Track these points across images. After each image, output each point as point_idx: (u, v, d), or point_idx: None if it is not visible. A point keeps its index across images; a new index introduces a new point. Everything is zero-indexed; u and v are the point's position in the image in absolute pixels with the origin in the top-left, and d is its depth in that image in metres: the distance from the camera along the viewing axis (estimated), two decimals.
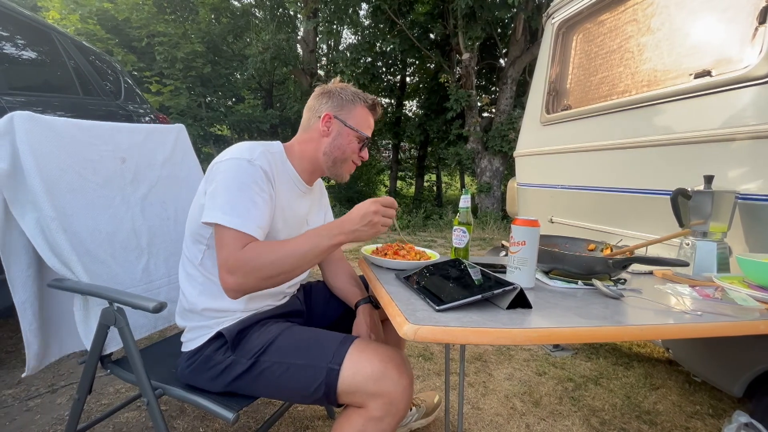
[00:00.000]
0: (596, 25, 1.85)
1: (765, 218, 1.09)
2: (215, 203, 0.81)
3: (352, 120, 0.98)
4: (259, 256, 0.78)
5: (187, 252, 0.96)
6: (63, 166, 1.00)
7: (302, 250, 0.81)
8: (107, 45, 7.08)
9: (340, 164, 1.00)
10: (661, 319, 0.75)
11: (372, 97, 1.02)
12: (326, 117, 0.97)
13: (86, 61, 2.52)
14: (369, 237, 0.84)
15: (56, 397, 1.51)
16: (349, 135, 0.98)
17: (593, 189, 1.74)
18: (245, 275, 0.78)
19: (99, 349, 0.96)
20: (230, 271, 0.77)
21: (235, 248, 0.78)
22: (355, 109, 0.99)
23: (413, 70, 10.80)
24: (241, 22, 8.93)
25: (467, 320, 0.69)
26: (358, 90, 1.02)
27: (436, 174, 12.97)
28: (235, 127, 9.08)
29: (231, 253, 0.78)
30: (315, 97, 1.02)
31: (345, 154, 0.99)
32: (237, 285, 0.78)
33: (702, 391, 1.72)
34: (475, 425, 1.44)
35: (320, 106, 0.99)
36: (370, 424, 0.77)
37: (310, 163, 1.01)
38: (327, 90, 1.00)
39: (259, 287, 0.81)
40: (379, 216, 0.82)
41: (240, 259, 0.77)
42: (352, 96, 0.99)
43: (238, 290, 0.79)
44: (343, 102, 0.98)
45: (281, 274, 0.80)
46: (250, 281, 0.78)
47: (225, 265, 0.78)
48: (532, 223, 0.90)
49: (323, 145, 0.99)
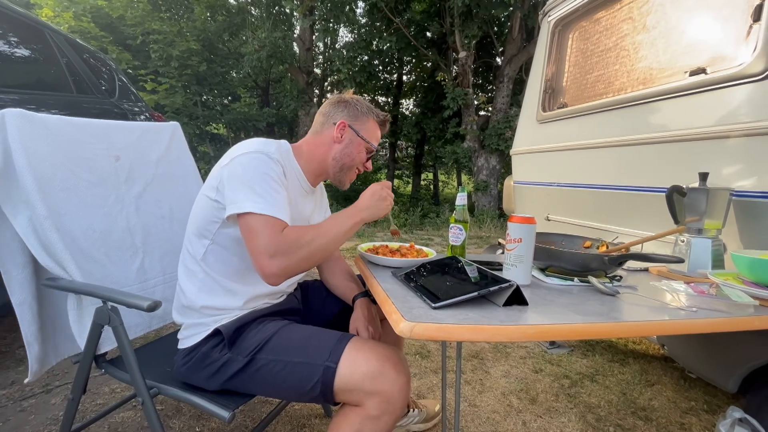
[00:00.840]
0: (592, 23, 1.86)
1: (759, 215, 1.10)
2: (241, 195, 0.82)
3: (364, 131, 1.03)
4: (297, 237, 0.81)
5: (189, 247, 0.96)
6: (56, 164, 0.99)
7: (333, 231, 0.86)
8: (101, 43, 7.03)
9: (347, 171, 1.04)
10: (657, 315, 0.76)
11: (384, 113, 1.08)
12: (341, 125, 1.01)
13: (80, 59, 2.50)
14: (382, 211, 0.93)
15: (51, 397, 1.50)
16: (359, 145, 1.03)
17: (589, 186, 1.75)
18: (288, 257, 0.79)
19: (93, 348, 0.95)
20: (273, 255, 0.78)
21: (273, 232, 0.79)
22: (368, 122, 1.04)
23: (410, 69, 10.78)
24: (237, 20, 8.88)
25: (463, 317, 0.69)
26: (372, 105, 1.08)
27: (433, 172, 12.97)
28: (232, 125, 9.04)
29: (272, 238, 0.79)
30: (331, 104, 1.06)
31: (353, 162, 1.03)
32: (281, 269, 0.79)
33: (697, 387, 1.73)
34: (472, 422, 1.45)
35: (336, 113, 1.03)
36: (367, 423, 0.77)
37: (318, 165, 1.04)
38: (344, 99, 1.05)
39: (301, 268, 0.83)
40: (386, 190, 0.93)
41: (282, 242, 0.79)
42: (366, 109, 1.05)
43: (281, 274, 0.80)
44: (358, 113, 1.03)
45: (318, 253, 0.84)
46: (294, 262, 0.80)
47: (266, 251, 0.78)
48: (529, 221, 0.90)
49: (334, 151, 1.02)
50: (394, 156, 11.38)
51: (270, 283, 0.81)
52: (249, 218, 0.81)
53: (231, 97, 9.77)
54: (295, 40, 8.82)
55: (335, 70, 8.13)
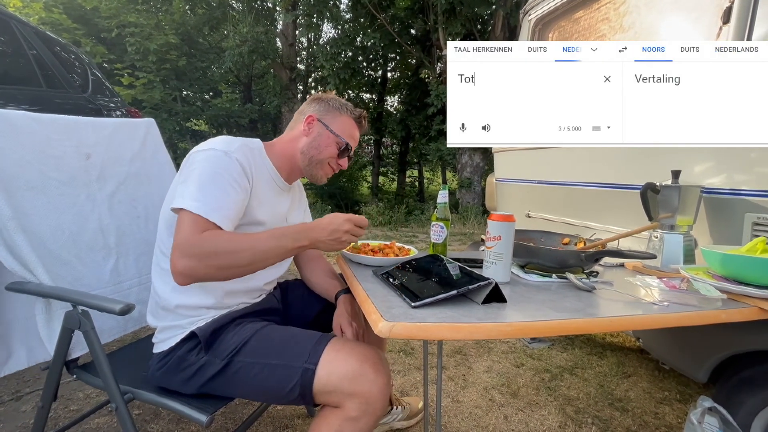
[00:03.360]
0: (571, 22, 1.88)
1: (728, 211, 1.14)
2: (186, 191, 0.80)
3: (335, 126, 1.02)
4: (216, 243, 0.76)
5: (161, 244, 0.93)
6: (21, 162, 0.95)
7: (264, 247, 0.79)
8: (74, 35, 6.77)
9: (316, 165, 1.02)
10: (631, 310, 0.77)
11: (360, 110, 1.06)
12: (309, 118, 1.02)
13: (50, 52, 2.40)
14: (329, 250, 0.87)
15: (21, 404, 1.44)
16: (329, 138, 1.01)
17: (567, 184, 1.78)
18: (198, 260, 0.74)
19: (63, 354, 0.92)
20: (183, 254, 0.74)
21: (192, 231, 0.76)
22: (340, 117, 1.03)
23: (394, 66, 10.77)
24: (218, 14, 8.68)
25: (443, 316, 0.69)
26: (349, 103, 1.07)
27: (418, 170, 13.03)
28: (213, 121, 8.86)
29: (187, 236, 0.75)
30: (306, 102, 1.07)
31: (321, 155, 1.01)
32: (187, 269, 0.74)
33: (670, 378, 1.79)
34: (455, 418, 1.46)
35: (307, 109, 1.04)
36: (347, 424, 0.76)
37: (288, 160, 1.02)
38: (318, 97, 1.06)
39: (210, 277, 0.78)
40: (348, 235, 0.84)
41: (195, 242, 0.75)
42: (339, 105, 1.04)
43: (187, 275, 0.75)
44: (329, 108, 1.03)
45: (237, 267, 0.78)
46: (201, 267, 0.75)
47: (178, 247, 0.75)
48: (508, 218, 0.91)
49: (302, 144, 1.01)
50: (379, 153, 11.37)
51: (176, 282, 0.77)
52: (181, 214, 0.79)
53: (212, 93, 9.57)
54: (277, 36, 8.69)
55: (319, 66, 8.04)
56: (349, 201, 9.33)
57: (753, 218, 1.06)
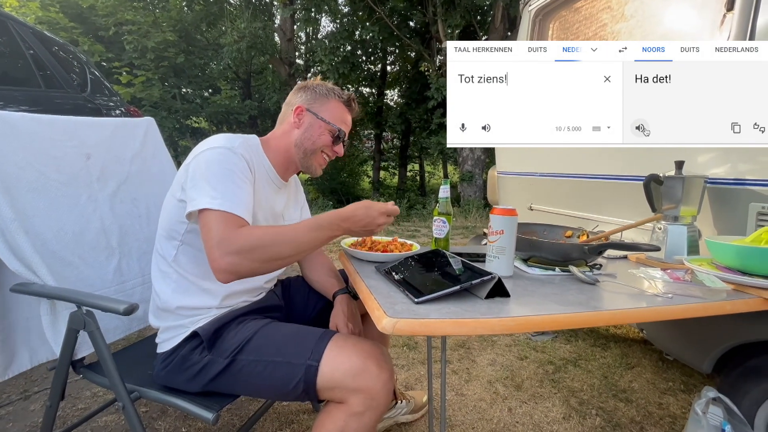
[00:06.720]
0: (572, 12, 1.86)
1: (732, 201, 1.13)
2: (200, 191, 0.79)
3: (325, 113, 0.99)
4: (257, 237, 0.76)
5: (160, 249, 0.93)
6: (22, 164, 0.95)
7: (304, 239, 0.79)
8: (72, 34, 6.74)
9: (311, 156, 1.00)
10: (634, 303, 0.77)
11: (348, 93, 1.03)
12: (298, 109, 0.99)
13: (48, 52, 2.39)
14: (364, 236, 0.91)
15: (29, 403, 1.46)
16: (321, 127, 0.99)
17: (570, 176, 1.77)
18: (242, 256, 0.74)
19: (69, 354, 0.92)
20: (225, 252, 0.73)
21: (226, 228, 0.75)
22: (328, 103, 1.00)
23: (393, 59, 10.70)
24: (215, 10, 8.61)
25: (446, 311, 0.69)
26: (336, 86, 1.03)
27: (419, 163, 12.98)
28: (213, 118, 8.84)
29: (226, 233, 0.74)
30: (292, 92, 1.04)
31: (315, 145, 0.99)
32: (231, 266, 0.74)
33: (674, 368, 1.79)
34: (459, 411, 1.47)
35: (294, 100, 1.02)
36: (352, 420, 0.77)
37: (283, 156, 1.01)
38: (303, 85, 1.02)
39: (254, 271, 0.78)
40: (380, 228, 0.85)
41: (237, 238, 0.74)
42: (326, 90, 1.01)
43: (231, 272, 0.75)
44: (316, 95, 1.00)
45: (279, 259, 0.78)
46: (246, 262, 0.75)
47: (219, 246, 0.74)
48: (510, 212, 0.90)
49: (294, 137, 0.99)
50: (380, 148, 11.33)
51: (219, 280, 0.76)
52: (205, 214, 0.78)
53: (211, 90, 9.53)
54: (275, 31, 8.62)
55: (317, 60, 7.99)
56: (350, 196, 9.32)
57: (757, 208, 1.05)
